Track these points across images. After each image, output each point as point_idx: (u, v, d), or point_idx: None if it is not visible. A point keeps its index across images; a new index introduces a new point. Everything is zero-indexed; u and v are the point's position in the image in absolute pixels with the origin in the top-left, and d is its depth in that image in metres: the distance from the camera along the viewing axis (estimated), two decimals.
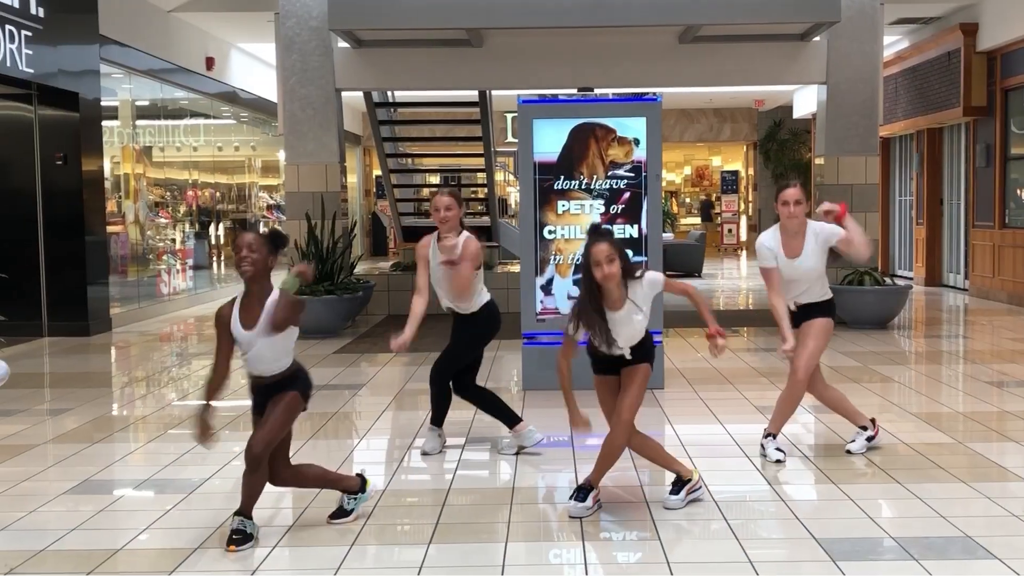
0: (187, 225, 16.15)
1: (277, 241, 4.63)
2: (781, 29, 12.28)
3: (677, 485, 5.10)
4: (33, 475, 5.91)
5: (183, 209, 16.06)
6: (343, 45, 12.81)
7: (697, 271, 20.40)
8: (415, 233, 16.12)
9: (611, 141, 7.99)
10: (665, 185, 27.80)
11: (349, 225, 13.67)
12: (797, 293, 5.89)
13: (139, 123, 14.60)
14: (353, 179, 25.84)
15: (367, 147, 26.48)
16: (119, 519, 5.12)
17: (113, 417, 7.76)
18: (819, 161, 13.10)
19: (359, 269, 14.53)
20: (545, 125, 8.04)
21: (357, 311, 12.52)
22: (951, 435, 6.58)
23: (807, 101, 19.42)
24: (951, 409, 7.54)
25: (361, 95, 14.65)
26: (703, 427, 6.97)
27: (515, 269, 14.19)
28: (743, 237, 27.93)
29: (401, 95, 16.20)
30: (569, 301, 8.00)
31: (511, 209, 22.63)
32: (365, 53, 12.80)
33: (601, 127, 8.00)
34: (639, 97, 8.33)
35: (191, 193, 16.30)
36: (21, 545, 4.65)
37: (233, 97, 17.48)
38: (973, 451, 6.16)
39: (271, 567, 4.40)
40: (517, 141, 8.27)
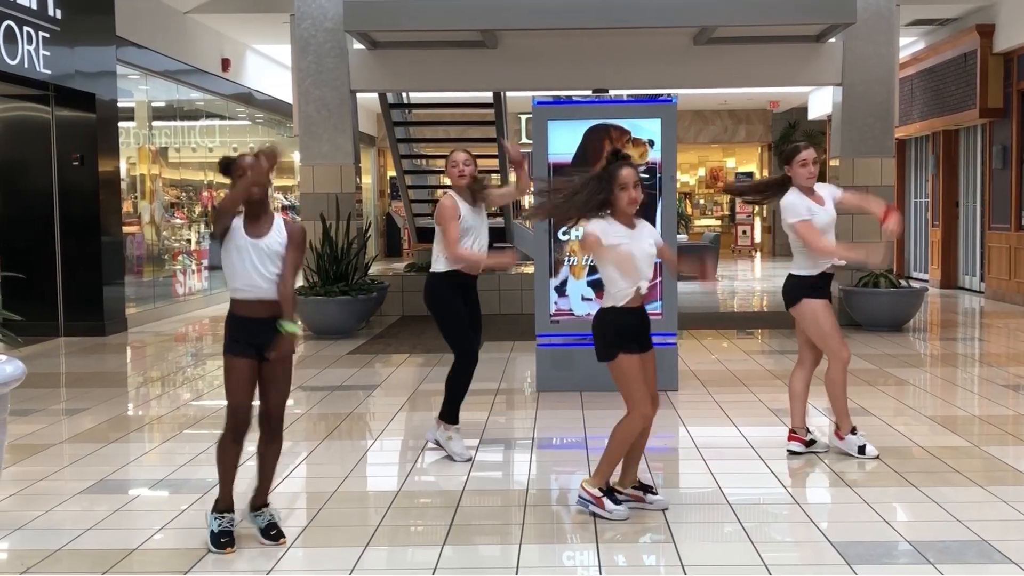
0: (202, 226, 16.20)
1: (272, 158, 4.57)
2: (796, 30, 12.24)
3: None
4: (49, 474, 5.94)
5: (198, 210, 16.11)
6: (358, 46, 12.84)
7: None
8: (430, 234, 16.12)
9: (626, 142, 7.99)
10: (679, 186, 27.72)
11: (364, 226, 13.69)
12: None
13: (155, 124, 14.65)
14: (368, 180, 25.88)
15: (381, 148, 26.51)
16: (134, 519, 5.14)
17: (129, 417, 7.79)
18: (834, 163, 13.05)
19: (373, 270, 14.55)
20: (560, 126, 8.04)
21: (371, 312, 12.54)
22: (967, 438, 6.55)
23: (822, 103, 19.37)
24: (967, 412, 7.51)
25: (376, 96, 14.67)
26: (717, 429, 6.95)
27: (529, 271, 14.18)
28: (757, 239, 27.86)
29: (416, 96, 16.22)
30: (584, 303, 8.02)
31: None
32: (380, 54, 12.82)
33: (616, 128, 7.99)
34: (654, 98, 8.32)
35: (206, 194, 16.36)
36: (37, 544, 4.68)
37: (248, 98, 17.54)
38: (989, 455, 6.13)
39: (286, 567, 4.41)
40: (532, 142, 8.27)
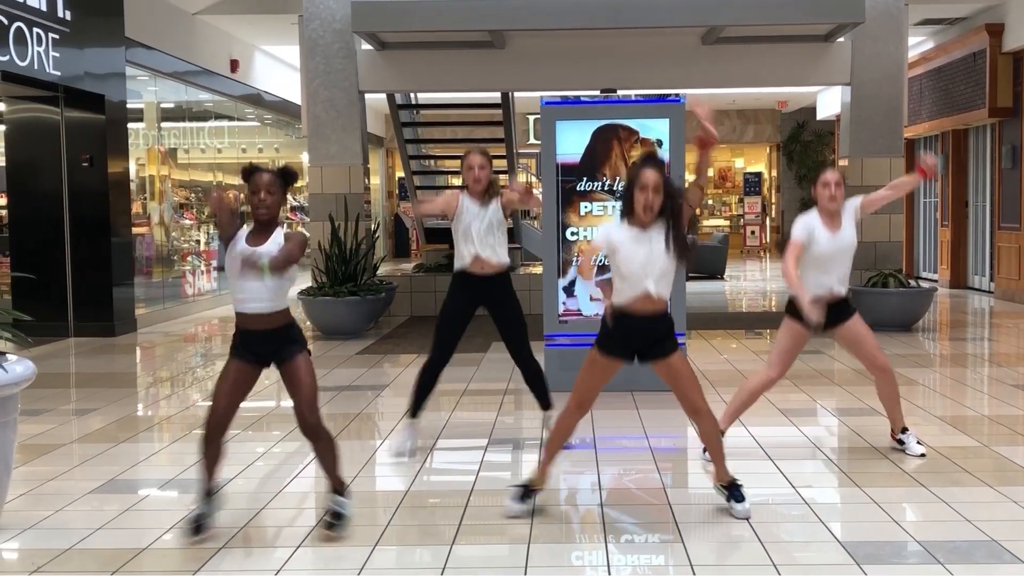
0: (212, 226, 16.23)
1: (288, 179, 4.70)
2: (805, 30, 12.23)
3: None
4: (59, 474, 5.96)
5: (207, 210, 16.15)
6: (366, 47, 12.86)
7: (720, 273, 20.34)
8: (438, 235, 16.15)
9: (634, 143, 7.98)
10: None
11: (372, 226, 13.71)
12: (838, 276, 5.83)
13: (164, 125, 14.69)
14: (376, 181, 25.91)
15: (390, 149, 26.53)
16: (144, 519, 5.15)
17: (138, 417, 7.81)
18: (843, 163, 13.03)
19: (382, 270, 14.56)
20: (568, 127, 8.04)
21: (380, 312, 12.55)
22: (976, 438, 6.53)
23: (831, 102, 19.32)
24: (976, 412, 7.49)
25: (384, 97, 14.69)
26: (727, 430, 6.93)
27: (537, 271, 14.19)
28: (766, 239, 27.83)
29: (424, 97, 16.23)
30: (592, 303, 8.02)
31: (533, 211, 22.62)
32: (388, 55, 12.84)
33: (624, 128, 7.98)
34: (662, 98, 8.31)
35: (216, 195, 16.36)
36: (47, 544, 4.69)
37: (257, 99, 17.58)
38: (999, 455, 6.11)
39: (294, 567, 4.42)
40: (540, 143, 8.27)
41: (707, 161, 4.98)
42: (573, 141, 8.02)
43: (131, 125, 13.09)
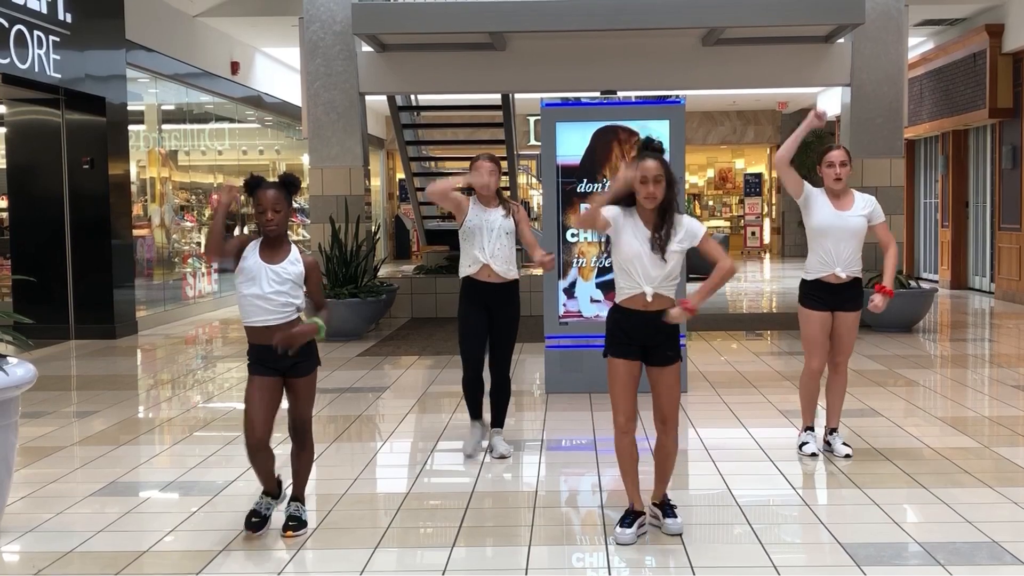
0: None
1: (292, 189, 4.69)
2: (805, 31, 12.23)
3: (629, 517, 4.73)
4: (60, 477, 5.97)
5: (208, 212, 16.16)
6: (367, 49, 12.86)
7: None
8: (438, 236, 16.17)
9: (634, 144, 7.98)
10: (688, 188, 27.74)
11: (373, 228, 13.71)
12: (848, 256, 5.87)
13: (165, 127, 14.70)
14: (376, 182, 25.92)
15: (390, 150, 26.55)
16: (145, 521, 5.16)
17: (139, 419, 7.82)
18: None
19: (382, 272, 14.57)
20: (568, 128, 8.05)
21: (381, 314, 12.56)
22: (977, 439, 6.53)
23: (831, 103, 19.31)
24: (977, 413, 7.49)
25: (385, 99, 14.69)
26: (727, 431, 6.95)
27: (538, 272, 14.18)
28: (766, 240, 27.83)
29: (424, 99, 16.24)
30: (593, 304, 8.02)
31: (534, 212, 22.63)
32: (388, 57, 12.84)
33: (624, 130, 7.99)
34: (662, 100, 8.32)
35: (216, 196, 16.40)
36: (48, 546, 4.70)
37: (257, 101, 17.59)
38: (999, 455, 6.11)
39: (296, 569, 4.42)
40: (540, 144, 8.27)
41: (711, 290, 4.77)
42: (573, 142, 8.02)
43: (132, 127, 13.10)
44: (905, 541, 4.63)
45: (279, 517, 4.85)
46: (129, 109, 12.88)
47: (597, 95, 11.65)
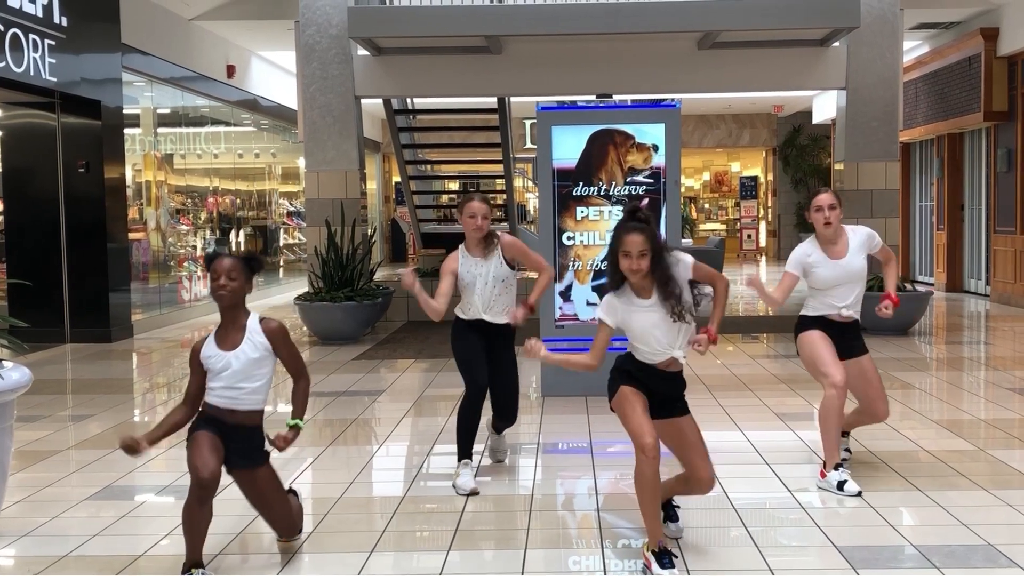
0: (208, 232, 16.24)
1: (253, 266, 4.46)
2: (800, 35, 12.26)
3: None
4: (56, 481, 5.96)
5: (204, 216, 16.15)
6: (363, 53, 12.87)
7: None
8: (434, 239, 16.15)
9: (630, 147, 8.00)
10: (684, 191, 27.74)
11: (369, 231, 13.72)
12: (848, 299, 5.68)
13: (160, 131, 14.69)
14: (372, 186, 25.92)
15: (386, 154, 26.56)
16: (141, 525, 5.15)
17: (135, 423, 7.80)
18: (839, 167, 13.06)
19: (378, 275, 14.56)
20: (564, 131, 8.05)
21: (376, 317, 12.55)
22: (973, 442, 6.54)
23: (827, 106, 19.38)
24: (972, 416, 7.50)
25: (380, 102, 14.70)
26: (723, 434, 6.94)
27: (534, 275, 14.17)
28: (762, 243, 27.86)
29: (420, 102, 16.25)
30: (589, 307, 8.02)
31: (530, 215, 22.64)
32: (384, 61, 12.85)
33: (620, 133, 8.00)
34: (658, 103, 8.33)
35: (212, 200, 16.40)
36: (44, 550, 4.69)
37: (253, 104, 17.58)
38: (995, 458, 6.12)
39: (291, 573, 4.42)
40: (536, 147, 8.28)
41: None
42: (569, 146, 8.03)
43: (127, 131, 13.10)
44: (901, 544, 4.63)
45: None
46: (125, 113, 12.88)
47: (593, 98, 11.65)
